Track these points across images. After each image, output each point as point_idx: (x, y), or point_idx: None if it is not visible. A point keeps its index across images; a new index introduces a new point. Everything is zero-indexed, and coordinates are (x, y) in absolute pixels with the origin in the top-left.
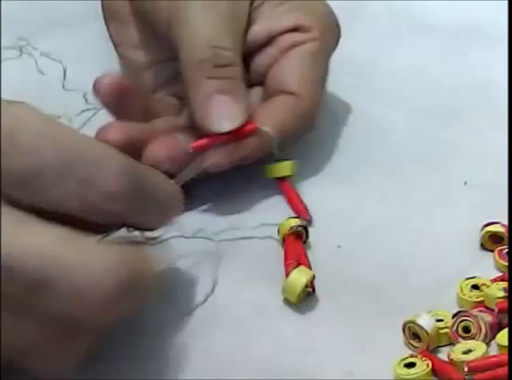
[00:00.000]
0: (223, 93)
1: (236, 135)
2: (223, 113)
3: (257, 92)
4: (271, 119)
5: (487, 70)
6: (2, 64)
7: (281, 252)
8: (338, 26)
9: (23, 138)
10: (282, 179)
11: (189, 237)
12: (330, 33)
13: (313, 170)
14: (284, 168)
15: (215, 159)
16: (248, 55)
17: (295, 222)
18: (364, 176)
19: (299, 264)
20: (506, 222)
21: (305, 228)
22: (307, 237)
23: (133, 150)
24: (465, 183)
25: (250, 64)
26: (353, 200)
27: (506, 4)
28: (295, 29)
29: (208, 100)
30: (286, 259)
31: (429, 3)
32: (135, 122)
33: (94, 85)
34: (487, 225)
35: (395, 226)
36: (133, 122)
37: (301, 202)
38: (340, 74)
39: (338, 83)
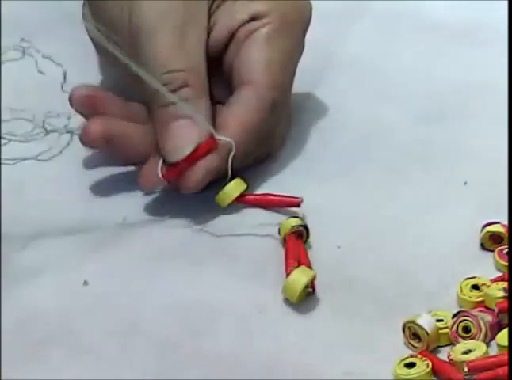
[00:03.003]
0: (177, 119)
1: (198, 155)
2: (176, 143)
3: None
4: (236, 120)
5: (487, 70)
6: (3, 64)
7: (282, 251)
8: (303, 5)
9: None
10: (239, 198)
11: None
12: (291, 13)
13: (313, 170)
14: (232, 189)
15: (185, 183)
16: (217, 57)
17: (295, 221)
18: (364, 176)
19: (299, 264)
20: (506, 222)
21: (306, 227)
22: (307, 236)
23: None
24: (465, 183)
25: (221, 66)
26: (353, 200)
27: (506, 4)
28: (252, 19)
29: (163, 130)
30: (287, 258)
31: (430, 3)
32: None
33: (69, 96)
34: (487, 225)
35: (395, 226)
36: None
37: (279, 196)
38: (340, 74)
39: (338, 83)
